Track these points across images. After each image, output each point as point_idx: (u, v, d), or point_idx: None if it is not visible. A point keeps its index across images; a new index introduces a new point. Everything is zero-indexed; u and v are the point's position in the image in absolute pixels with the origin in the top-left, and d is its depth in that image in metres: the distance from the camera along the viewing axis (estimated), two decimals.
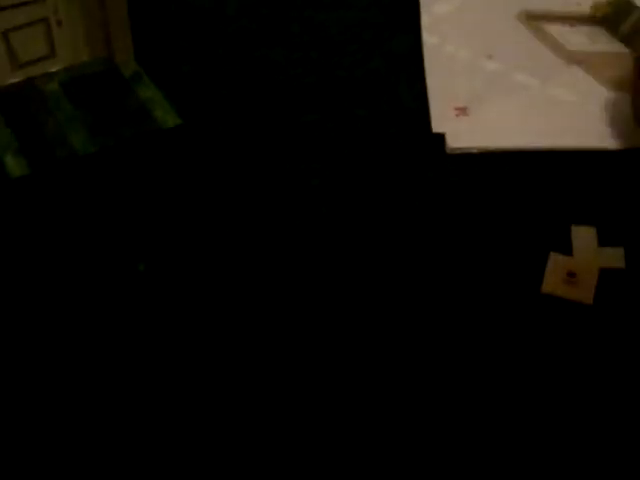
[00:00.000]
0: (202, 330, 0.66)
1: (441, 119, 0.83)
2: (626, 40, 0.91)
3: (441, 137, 0.81)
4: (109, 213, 0.74)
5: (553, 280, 0.69)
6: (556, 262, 0.70)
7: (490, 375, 0.64)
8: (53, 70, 0.85)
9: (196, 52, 0.88)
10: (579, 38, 0.92)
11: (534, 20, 0.94)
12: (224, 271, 0.70)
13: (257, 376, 0.64)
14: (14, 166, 0.76)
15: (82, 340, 0.65)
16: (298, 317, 0.67)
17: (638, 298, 0.69)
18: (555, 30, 0.93)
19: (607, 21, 0.93)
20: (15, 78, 0.83)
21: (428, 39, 0.91)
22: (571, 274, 0.69)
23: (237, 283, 0.70)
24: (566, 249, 0.72)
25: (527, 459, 0.60)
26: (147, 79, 0.84)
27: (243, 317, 0.67)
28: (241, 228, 0.74)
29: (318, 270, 0.70)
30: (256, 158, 0.79)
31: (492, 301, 0.68)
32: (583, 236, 0.72)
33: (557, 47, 0.91)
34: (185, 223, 0.74)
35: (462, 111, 0.85)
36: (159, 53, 0.87)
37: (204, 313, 0.67)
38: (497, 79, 0.88)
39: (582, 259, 0.71)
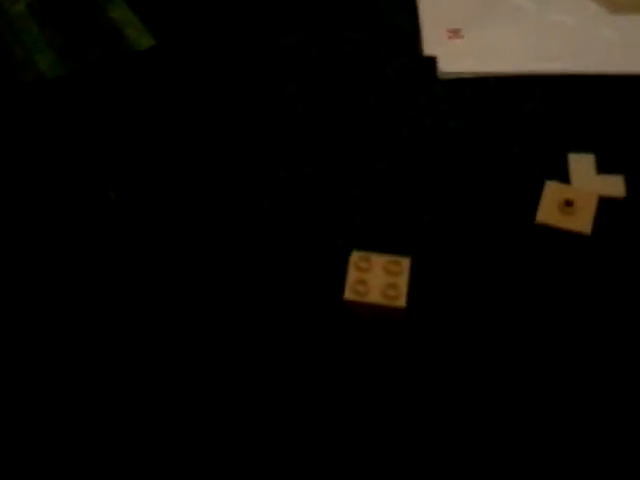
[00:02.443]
0: (177, 264, 0.63)
1: (433, 42, 0.78)
2: None
3: (432, 60, 0.77)
4: (78, 138, 0.70)
5: (549, 209, 0.65)
6: (552, 190, 0.66)
7: (482, 306, 0.61)
8: None
9: None
10: None
11: None
12: (199, 198, 0.66)
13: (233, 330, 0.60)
14: None
15: (49, 274, 0.62)
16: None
17: (638, 228, 0.65)
18: None
19: None
20: None
21: None
22: (568, 203, 0.65)
23: (213, 211, 0.66)
24: (563, 177, 0.68)
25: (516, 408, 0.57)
26: None
27: (215, 250, 0.64)
28: (217, 153, 0.69)
29: (299, 194, 0.67)
30: (233, 82, 0.74)
31: (486, 231, 0.65)
32: (581, 163, 0.68)
33: None
34: (158, 148, 0.70)
35: (455, 33, 0.80)
36: None
37: (178, 245, 0.64)
38: (492, 1, 0.83)
39: (580, 187, 0.67)
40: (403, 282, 0.60)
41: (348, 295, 0.59)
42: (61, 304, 0.61)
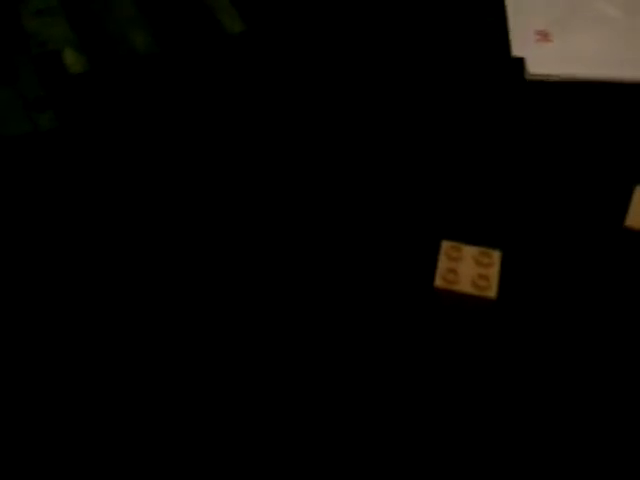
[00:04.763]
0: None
1: (521, 43, 0.78)
2: None
3: (520, 61, 0.77)
4: (168, 114, 0.71)
5: (638, 214, 0.65)
6: None
7: (569, 306, 0.61)
8: None
9: None
10: None
11: None
12: (290, 185, 0.67)
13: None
14: (74, 62, 0.73)
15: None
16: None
17: None
18: None
19: None
20: None
21: None
22: None
23: (305, 199, 0.66)
24: None
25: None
26: None
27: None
28: (309, 144, 0.70)
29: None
30: (321, 65, 0.74)
31: (575, 234, 0.65)
32: None
33: None
34: (248, 128, 0.70)
35: (544, 36, 0.80)
36: None
37: (273, 230, 0.65)
38: (580, 5, 0.83)
39: None
40: (494, 273, 0.60)
41: (438, 283, 0.59)
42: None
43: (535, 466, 0.54)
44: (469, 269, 0.60)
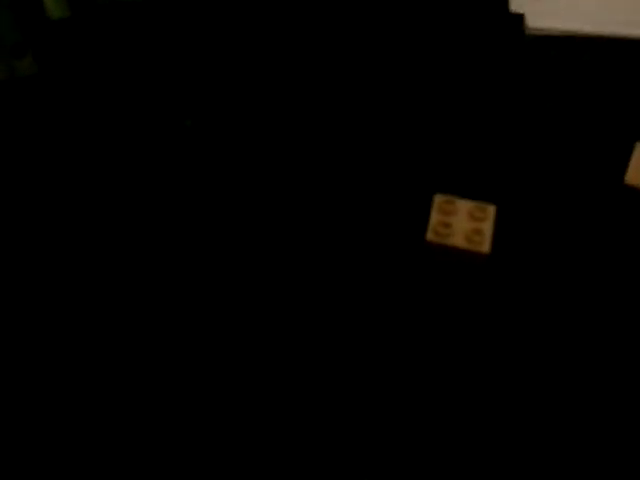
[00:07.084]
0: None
1: (520, 0, 0.76)
2: None
3: (520, 17, 0.74)
4: (152, 64, 0.68)
5: (638, 170, 0.63)
6: None
7: (564, 262, 0.58)
8: None
9: None
10: None
11: None
12: (286, 132, 0.65)
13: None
14: (54, 7, 0.70)
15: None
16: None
17: None
18: None
19: None
20: None
21: None
22: None
23: (297, 147, 0.64)
24: None
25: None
26: None
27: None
28: (304, 94, 0.67)
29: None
30: (314, 27, 0.72)
31: (571, 191, 0.62)
32: None
33: None
34: (233, 77, 0.68)
35: None
36: None
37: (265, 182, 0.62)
38: None
39: None
40: (487, 228, 0.57)
41: (430, 236, 0.57)
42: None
43: (527, 423, 0.52)
44: (463, 223, 0.57)
